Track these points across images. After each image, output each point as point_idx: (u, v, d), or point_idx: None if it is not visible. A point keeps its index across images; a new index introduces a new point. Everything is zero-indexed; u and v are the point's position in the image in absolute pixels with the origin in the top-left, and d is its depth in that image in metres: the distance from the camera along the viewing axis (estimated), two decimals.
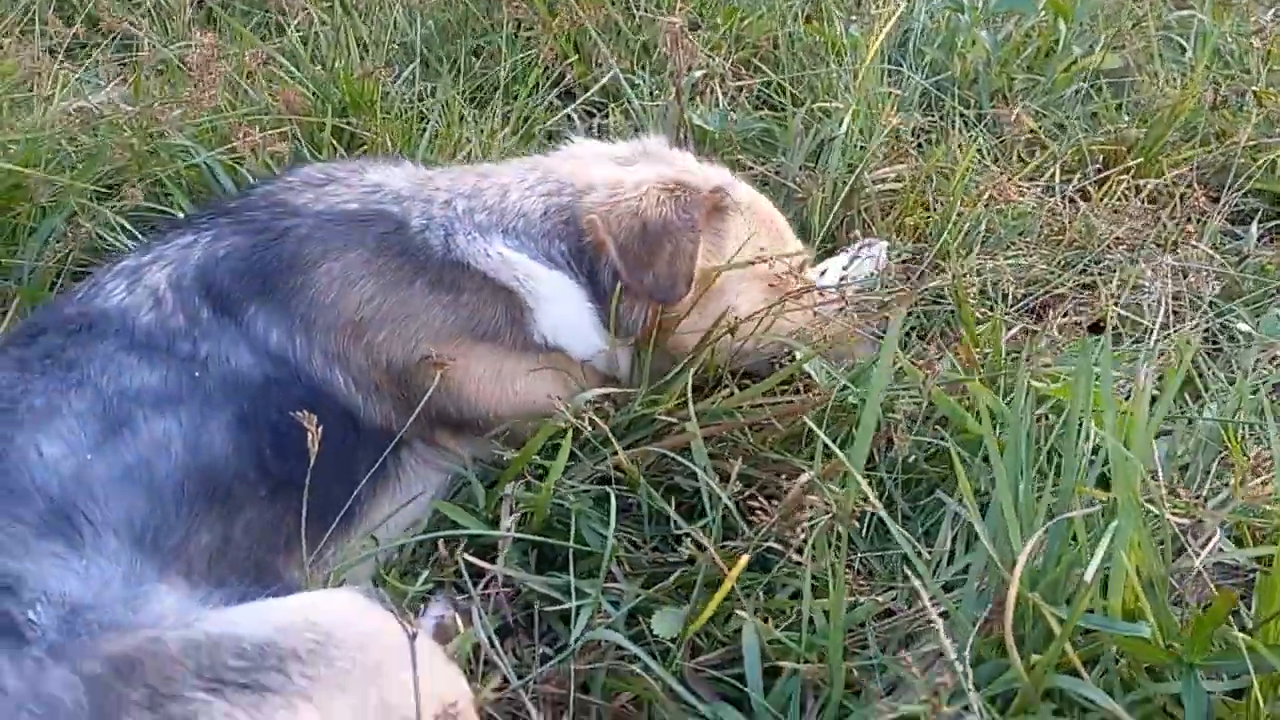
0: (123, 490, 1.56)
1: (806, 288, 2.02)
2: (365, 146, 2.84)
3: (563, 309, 1.99)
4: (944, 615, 1.52)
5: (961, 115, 3.12)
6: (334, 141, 2.81)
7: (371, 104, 2.93)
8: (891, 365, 1.66)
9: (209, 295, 1.80)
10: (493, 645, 1.71)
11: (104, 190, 2.64)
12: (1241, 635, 1.39)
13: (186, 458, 1.63)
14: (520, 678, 1.68)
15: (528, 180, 2.05)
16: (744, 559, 1.60)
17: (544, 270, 1.98)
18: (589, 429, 1.87)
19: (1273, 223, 2.85)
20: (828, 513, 1.63)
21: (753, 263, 2.00)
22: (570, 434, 1.88)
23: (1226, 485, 1.86)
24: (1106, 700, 1.40)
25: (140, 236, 2.47)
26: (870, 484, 1.65)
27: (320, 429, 1.57)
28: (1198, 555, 1.49)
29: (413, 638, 1.35)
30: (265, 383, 1.76)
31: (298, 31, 3.27)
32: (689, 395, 1.92)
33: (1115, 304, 2.01)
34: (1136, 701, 1.47)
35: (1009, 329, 2.22)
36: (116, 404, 1.63)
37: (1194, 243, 2.55)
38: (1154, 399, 1.76)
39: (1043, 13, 3.48)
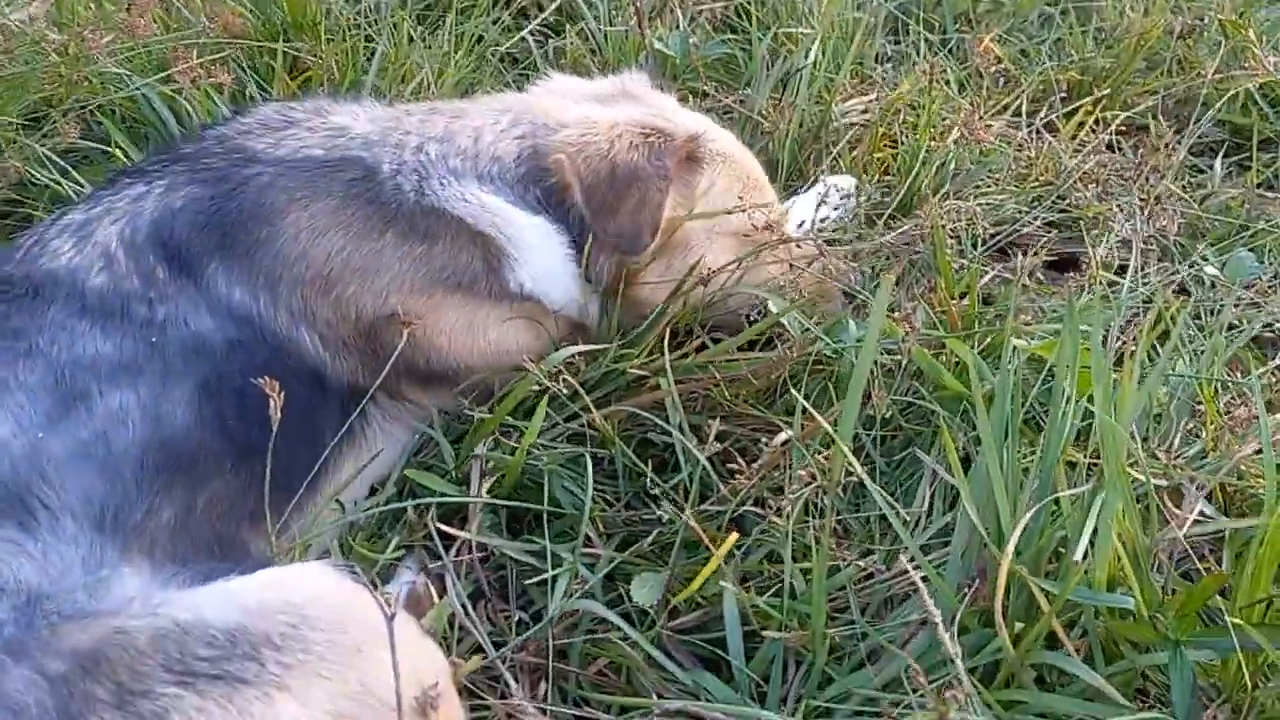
0: (79, 469, 1.48)
1: (780, 240, 1.95)
2: (309, 73, 2.70)
3: (544, 256, 1.91)
4: (924, 580, 1.51)
5: (926, 40, 3.05)
6: (273, 65, 2.65)
7: (314, 25, 2.78)
8: (879, 333, 1.61)
9: (165, 252, 1.70)
10: (467, 614, 1.68)
11: (31, 122, 2.48)
12: (1229, 615, 1.39)
13: (146, 432, 1.54)
14: (496, 645, 1.65)
15: (501, 122, 1.95)
16: (732, 537, 1.57)
17: (523, 216, 1.89)
18: (563, 390, 1.81)
19: (1235, 156, 2.83)
20: (811, 482, 1.60)
21: (720, 214, 1.93)
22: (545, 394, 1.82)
23: (1199, 437, 1.87)
24: (1092, 675, 1.40)
25: (74, 172, 2.33)
26: None
27: (284, 393, 1.49)
28: (1180, 526, 1.48)
29: (390, 619, 1.30)
30: (228, 346, 1.67)
31: None
32: (665, 349, 1.87)
33: (1098, 260, 1.97)
34: (1118, 672, 1.48)
35: (982, 276, 2.18)
36: (69, 376, 1.54)
37: (1162, 181, 2.52)
38: (1131, 355, 1.74)
39: None
